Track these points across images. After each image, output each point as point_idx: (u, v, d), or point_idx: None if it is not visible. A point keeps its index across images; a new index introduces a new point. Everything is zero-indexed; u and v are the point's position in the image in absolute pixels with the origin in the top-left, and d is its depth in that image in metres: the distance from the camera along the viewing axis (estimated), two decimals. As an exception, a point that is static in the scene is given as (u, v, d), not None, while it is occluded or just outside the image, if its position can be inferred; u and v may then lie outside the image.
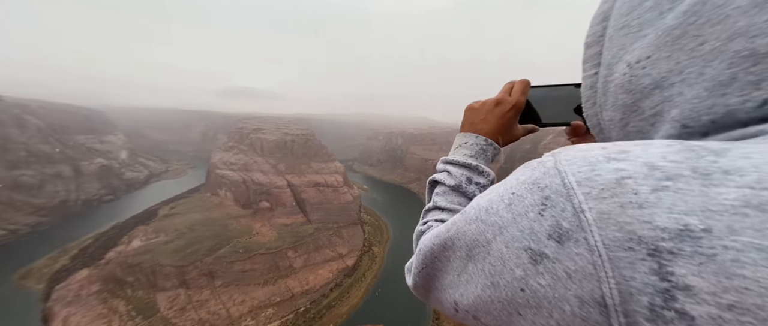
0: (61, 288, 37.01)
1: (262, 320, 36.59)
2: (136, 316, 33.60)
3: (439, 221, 0.51)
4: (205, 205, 59.14)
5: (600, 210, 0.24)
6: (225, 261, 41.63)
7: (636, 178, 0.24)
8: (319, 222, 60.16)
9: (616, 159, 0.26)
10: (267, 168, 67.25)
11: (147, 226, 49.21)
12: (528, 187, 0.30)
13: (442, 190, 0.56)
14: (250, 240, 47.83)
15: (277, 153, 72.60)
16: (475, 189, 0.54)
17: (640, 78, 0.32)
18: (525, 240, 0.28)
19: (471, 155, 0.57)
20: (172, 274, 38.61)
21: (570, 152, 0.30)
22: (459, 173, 0.55)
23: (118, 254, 41.14)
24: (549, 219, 0.27)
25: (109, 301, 35.20)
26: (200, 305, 36.51)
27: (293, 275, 44.96)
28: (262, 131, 77.89)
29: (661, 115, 0.31)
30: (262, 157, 70.63)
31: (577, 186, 0.26)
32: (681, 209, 0.21)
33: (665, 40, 0.30)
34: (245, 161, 68.61)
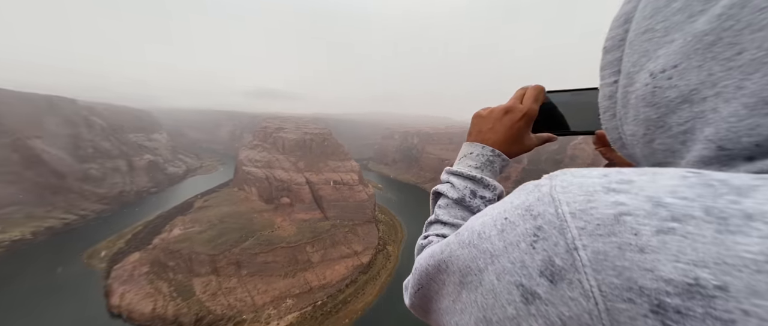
0: (118, 268, 42.63)
1: (282, 310, 38.46)
2: (176, 297, 37.43)
3: (441, 236, 0.49)
4: (232, 199, 63.91)
5: (595, 250, 0.21)
6: (250, 253, 44.53)
7: (637, 216, 0.20)
8: (336, 219, 61.68)
9: (616, 190, 0.23)
10: (288, 166, 70.59)
11: (185, 217, 54.54)
12: (521, 214, 0.27)
13: (445, 203, 0.53)
14: (272, 233, 50.61)
15: (297, 151, 75.84)
16: (479, 204, 0.51)
17: (665, 90, 0.27)
18: (516, 275, 0.26)
19: (476, 166, 0.53)
20: (206, 262, 42.29)
21: (567, 177, 0.27)
22: (463, 186, 0.52)
23: (161, 241, 46.14)
24: (541, 253, 0.24)
25: (155, 282, 39.65)
26: (229, 291, 39.47)
27: (311, 269, 46.60)
28: (284, 130, 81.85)
29: (692, 132, 0.26)
30: (283, 155, 74.30)
31: (571, 218, 0.23)
32: (690, 258, 0.18)
33: (695, 47, 0.25)
34: (268, 159, 72.70)
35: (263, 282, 41.69)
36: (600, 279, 0.21)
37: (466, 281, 0.32)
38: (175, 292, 38.14)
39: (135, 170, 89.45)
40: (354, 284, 46.23)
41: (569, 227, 0.23)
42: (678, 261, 0.18)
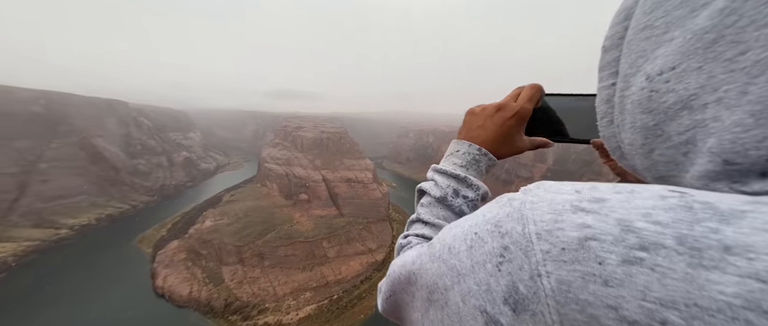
0: (161, 253, 47.93)
1: (301, 301, 40.23)
2: (208, 283, 41.07)
3: (421, 236, 0.47)
4: (256, 195, 68.19)
5: (559, 279, 0.19)
6: (271, 245, 47.21)
7: (602, 241, 0.18)
8: (351, 216, 62.89)
9: (585, 209, 0.20)
10: (306, 163, 73.40)
11: (215, 210, 59.42)
12: (490, 230, 0.25)
13: (428, 201, 0.51)
14: (291, 228, 53.13)
15: (314, 149, 78.42)
16: (461, 203, 0.49)
17: (662, 94, 0.23)
18: (481, 299, 0.23)
19: (461, 165, 0.51)
20: (233, 252, 45.71)
21: (540, 191, 0.24)
22: (446, 184, 0.50)
23: (196, 231, 50.78)
24: (506, 278, 0.22)
25: (191, 268, 43.87)
26: (253, 281, 42.26)
27: (327, 264, 48.10)
28: (302, 129, 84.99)
29: (693, 143, 0.22)
30: (301, 153, 77.34)
31: (536, 239, 0.20)
32: (657, 296, 0.15)
33: (695, 46, 0.20)
34: (288, 156, 76.15)
35: (283, 273, 44.01)
36: (563, 313, 0.18)
37: (433, 298, 0.29)
38: (207, 278, 41.90)
39: (174, 166, 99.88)
40: (369, 281, 46.88)
41: (534, 250, 0.20)
42: (644, 299, 0.15)
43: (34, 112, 73.74)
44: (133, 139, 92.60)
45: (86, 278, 42.03)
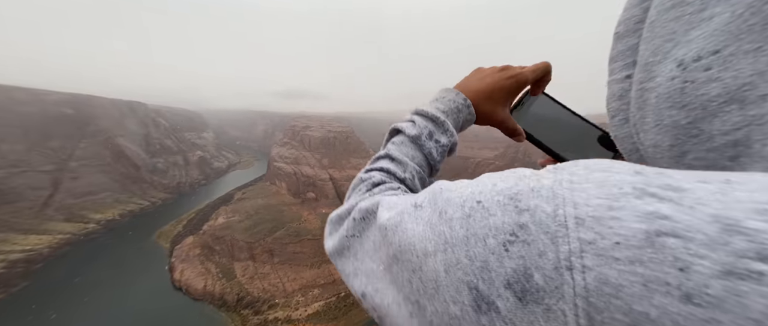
0: (178, 248, 50.39)
1: (310, 298, 41.10)
2: (222, 278, 42.79)
3: (385, 172, 0.44)
4: (266, 193, 70.05)
5: (602, 278, 0.14)
6: (281, 242, 48.42)
7: (689, 241, 0.12)
8: (357, 215, 63.39)
9: (658, 196, 0.14)
10: (313, 162, 74.52)
11: (227, 207, 61.56)
12: (501, 202, 0.19)
13: (400, 140, 0.48)
14: (299, 225, 54.22)
15: (321, 148, 79.39)
16: (433, 147, 0.47)
17: (700, 85, 0.18)
18: (472, 275, 0.19)
19: (443, 110, 0.49)
20: (244, 248, 47.28)
21: (580, 169, 0.18)
22: (423, 125, 0.47)
23: (209, 227, 52.87)
24: (515, 260, 0.17)
25: (205, 263, 45.84)
26: (263, 277, 43.57)
27: (335, 262, 48.75)
28: (310, 128, 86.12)
29: (747, 144, 0.17)
30: (309, 152, 78.53)
31: (574, 225, 0.15)
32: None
33: (748, 22, 0.16)
34: (296, 156, 77.55)
35: (292, 270, 45.09)
36: (596, 320, 0.13)
37: (403, 257, 0.24)
38: (220, 273, 43.65)
39: (189, 164, 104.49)
40: (375, 279, 47.20)
41: (569, 237, 0.15)
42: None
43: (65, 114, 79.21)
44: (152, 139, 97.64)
45: (113, 270, 44.99)
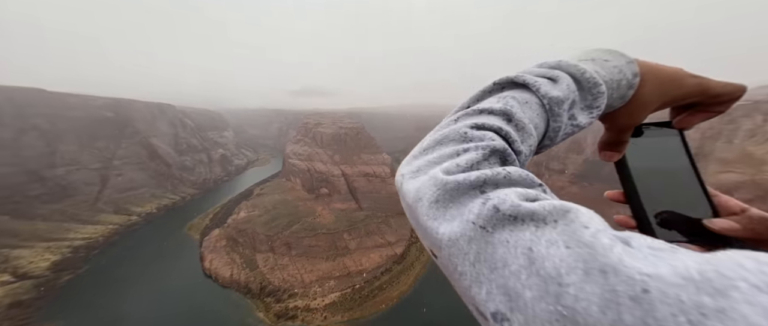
0: (207, 239, 55.08)
1: (326, 289, 43.19)
2: (245, 267, 46.29)
3: (503, 137, 0.33)
4: (282, 189, 73.43)
5: None
6: (297, 236, 50.96)
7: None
8: (369, 210, 64.48)
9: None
10: (325, 159, 76.37)
11: (248, 202, 65.59)
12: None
13: (526, 99, 0.35)
14: (314, 220, 56.53)
15: (333, 145, 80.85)
16: (565, 124, 0.34)
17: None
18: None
19: (603, 76, 0.34)
20: (264, 241, 50.43)
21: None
22: (571, 89, 0.34)
23: (233, 220, 56.88)
24: None
25: (231, 253, 49.74)
26: (283, 268, 46.37)
27: (349, 255, 50.49)
28: (322, 125, 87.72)
29: None
30: (321, 149, 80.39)
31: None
32: None
33: None
34: (309, 152, 79.80)
35: (309, 262, 47.50)
36: None
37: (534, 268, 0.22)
38: (244, 263, 47.21)
39: (213, 162, 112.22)
40: (389, 272, 48.29)
41: None
42: None
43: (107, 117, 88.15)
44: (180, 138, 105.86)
45: (154, 257, 50.54)
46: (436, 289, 43.69)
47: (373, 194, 68.82)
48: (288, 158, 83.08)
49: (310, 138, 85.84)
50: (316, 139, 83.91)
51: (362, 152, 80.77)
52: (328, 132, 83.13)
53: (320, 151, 79.51)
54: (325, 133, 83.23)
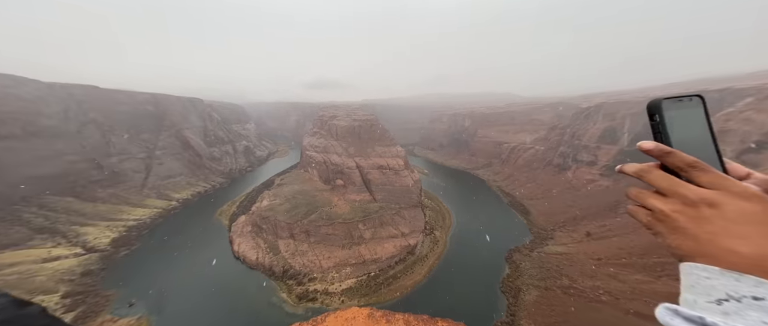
0: (234, 225, 59.82)
1: (343, 275, 45.06)
2: (269, 252, 49.73)
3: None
4: (300, 179, 76.46)
5: None
6: (315, 224, 53.24)
7: None
8: (383, 202, 64.98)
9: None
10: (340, 151, 77.57)
11: (269, 191, 69.42)
12: None
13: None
14: (330, 210, 58.50)
15: (348, 137, 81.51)
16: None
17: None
18: None
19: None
20: (285, 228, 53.40)
21: None
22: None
23: (257, 208, 60.77)
24: None
25: (255, 238, 53.61)
26: (302, 253, 49.02)
27: (364, 244, 51.84)
28: (337, 118, 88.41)
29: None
30: (336, 141, 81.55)
31: None
32: None
33: None
34: (325, 144, 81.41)
35: (327, 250, 49.69)
36: None
37: None
38: (267, 248, 50.72)
39: (237, 153, 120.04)
40: (402, 262, 49.10)
41: None
42: None
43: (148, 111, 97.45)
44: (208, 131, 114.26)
45: (192, 240, 56.42)
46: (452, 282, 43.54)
47: (387, 186, 69.00)
48: (305, 150, 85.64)
49: (326, 130, 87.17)
50: (332, 131, 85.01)
51: (376, 144, 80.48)
52: (343, 124, 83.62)
53: (335, 143, 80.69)
54: (340, 125, 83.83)
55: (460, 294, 40.79)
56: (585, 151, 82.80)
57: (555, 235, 56.85)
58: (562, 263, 46.19)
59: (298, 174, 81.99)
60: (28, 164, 60.18)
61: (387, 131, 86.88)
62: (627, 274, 38.74)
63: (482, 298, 39.91)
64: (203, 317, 36.06)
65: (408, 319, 13.12)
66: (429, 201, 79.44)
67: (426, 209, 72.45)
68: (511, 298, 39.52)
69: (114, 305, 37.88)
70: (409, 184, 70.49)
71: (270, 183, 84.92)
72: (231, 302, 39.11)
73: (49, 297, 38.13)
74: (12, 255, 44.86)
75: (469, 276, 45.16)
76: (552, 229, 59.78)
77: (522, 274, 44.73)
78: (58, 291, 39.40)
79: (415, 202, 68.41)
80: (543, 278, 43.01)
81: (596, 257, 45.19)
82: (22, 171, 58.54)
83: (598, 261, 43.91)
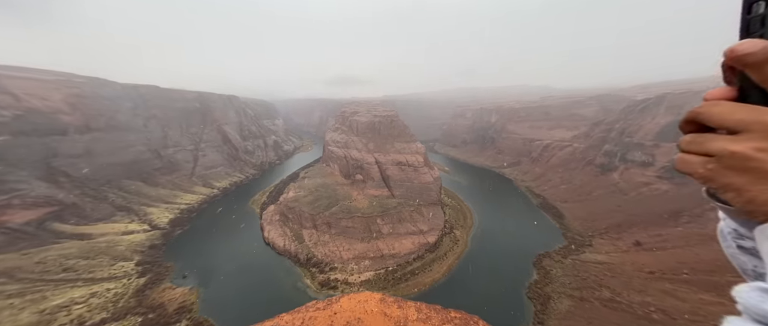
0: (265, 213, 65.47)
1: (362, 267, 46.65)
2: (294, 240, 53.58)
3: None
4: (322, 173, 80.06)
5: None
6: (336, 217, 55.60)
7: None
8: (402, 198, 64.84)
9: None
10: (360, 146, 78.90)
11: (295, 184, 74.08)
12: None
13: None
14: (350, 204, 60.42)
15: (368, 133, 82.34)
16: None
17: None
18: None
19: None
20: (309, 219, 56.77)
21: None
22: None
23: (284, 199, 65.44)
24: None
25: (283, 227, 58.08)
26: (324, 244, 51.77)
27: (382, 239, 52.73)
28: (358, 114, 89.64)
29: None
30: (357, 137, 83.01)
31: None
32: None
33: None
34: (346, 140, 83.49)
35: (346, 242, 51.77)
36: None
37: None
38: (293, 236, 54.66)
39: (267, 147, 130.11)
40: (421, 259, 48.94)
41: None
42: None
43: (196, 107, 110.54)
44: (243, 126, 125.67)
45: (230, 225, 63.59)
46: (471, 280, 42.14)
47: (405, 183, 68.52)
48: (327, 145, 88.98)
49: (347, 126, 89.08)
50: (352, 127, 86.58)
51: (395, 140, 79.91)
52: (364, 120, 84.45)
53: (355, 138, 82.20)
54: (361, 121, 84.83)
55: (481, 295, 39.37)
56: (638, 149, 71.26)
57: (594, 242, 51.30)
58: (602, 273, 41.40)
59: (321, 169, 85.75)
60: (110, 153, 73.28)
61: (407, 127, 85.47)
62: (688, 292, 33.31)
63: (506, 302, 38.09)
64: (239, 293, 40.80)
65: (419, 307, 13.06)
66: (449, 199, 76.97)
67: (446, 207, 70.45)
68: (538, 305, 36.97)
69: (172, 275, 44.94)
70: (428, 181, 69.00)
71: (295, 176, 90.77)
72: (262, 282, 43.47)
73: (127, 263, 46.76)
74: (102, 226, 55.77)
75: (491, 278, 43.33)
76: (590, 235, 53.97)
77: (552, 281, 41.48)
78: (133, 259, 48.05)
79: (435, 200, 66.87)
80: (578, 287, 39.29)
81: (647, 270, 39.58)
82: (106, 159, 71.59)
83: (650, 275, 38.37)
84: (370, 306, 10.52)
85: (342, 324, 9.17)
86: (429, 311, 21.17)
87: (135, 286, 41.21)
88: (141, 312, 36.32)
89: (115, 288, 40.48)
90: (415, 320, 9.08)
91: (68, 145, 66.12)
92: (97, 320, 34.38)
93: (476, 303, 37.63)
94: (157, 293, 40.32)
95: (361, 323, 9.22)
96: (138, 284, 41.65)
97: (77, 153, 66.84)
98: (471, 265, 46.91)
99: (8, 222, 47.32)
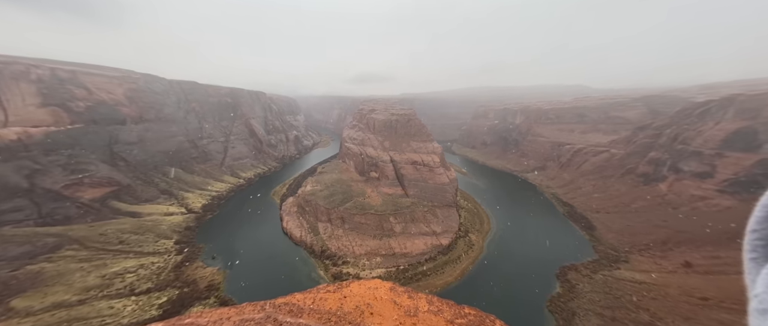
0: (284, 204, 69.24)
1: (373, 263, 47.33)
2: (310, 232, 55.97)
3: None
4: (339, 169, 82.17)
5: None
6: (349, 212, 56.85)
7: None
8: (415, 198, 64.10)
9: None
10: (376, 144, 79.29)
11: (312, 178, 77.05)
12: None
13: None
14: (364, 200, 61.31)
15: (384, 131, 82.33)
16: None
17: None
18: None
19: None
20: (324, 212, 58.77)
21: None
22: None
23: (302, 192, 68.42)
24: None
25: (300, 219, 60.95)
26: (338, 238, 53.34)
27: (394, 237, 52.83)
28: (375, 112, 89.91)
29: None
30: (373, 135, 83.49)
31: None
32: None
33: None
34: (362, 137, 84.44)
35: (359, 237, 52.80)
36: None
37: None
38: (309, 228, 57.13)
39: (289, 141, 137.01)
40: (433, 261, 48.26)
41: None
42: None
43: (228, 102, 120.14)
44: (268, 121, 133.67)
45: (253, 213, 68.47)
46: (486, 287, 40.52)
47: (420, 182, 67.51)
48: (344, 141, 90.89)
49: (364, 124, 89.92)
50: (369, 125, 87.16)
51: (412, 140, 78.81)
52: (380, 118, 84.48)
53: (372, 136, 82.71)
54: (378, 119, 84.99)
55: (495, 303, 37.71)
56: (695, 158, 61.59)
57: (631, 259, 46.25)
58: (640, 293, 37.14)
59: (337, 164, 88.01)
60: (158, 141, 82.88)
61: (424, 126, 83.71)
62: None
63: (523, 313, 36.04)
64: (260, 277, 44.00)
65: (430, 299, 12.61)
66: (465, 202, 74.33)
67: (461, 210, 68.18)
68: (561, 320, 34.42)
69: (203, 255, 49.90)
70: (443, 182, 67.21)
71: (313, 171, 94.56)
72: (280, 270, 46.31)
73: (168, 241, 52.89)
74: (149, 207, 63.62)
75: (507, 286, 41.31)
76: (626, 251, 48.69)
77: (578, 296, 38.36)
78: (172, 238, 54.22)
79: (450, 202, 65.02)
80: (609, 306, 35.81)
81: (698, 295, 34.66)
82: (155, 147, 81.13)
83: (702, 301, 33.51)
84: (380, 294, 10.45)
85: (351, 307, 9.43)
86: (441, 304, 20.62)
87: (174, 262, 46.56)
88: (178, 285, 41.04)
89: (158, 262, 46.14)
90: (427, 311, 8.93)
91: (126, 134, 76.18)
92: (144, 288, 39.63)
93: (493, 310, 36.04)
94: (191, 270, 45.13)
95: (370, 308, 9.39)
96: (176, 260, 47.00)
97: (132, 140, 76.74)
98: (487, 272, 45.00)
99: (81, 197, 56.28)
